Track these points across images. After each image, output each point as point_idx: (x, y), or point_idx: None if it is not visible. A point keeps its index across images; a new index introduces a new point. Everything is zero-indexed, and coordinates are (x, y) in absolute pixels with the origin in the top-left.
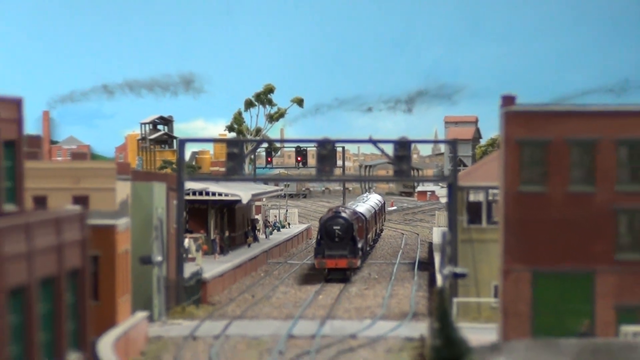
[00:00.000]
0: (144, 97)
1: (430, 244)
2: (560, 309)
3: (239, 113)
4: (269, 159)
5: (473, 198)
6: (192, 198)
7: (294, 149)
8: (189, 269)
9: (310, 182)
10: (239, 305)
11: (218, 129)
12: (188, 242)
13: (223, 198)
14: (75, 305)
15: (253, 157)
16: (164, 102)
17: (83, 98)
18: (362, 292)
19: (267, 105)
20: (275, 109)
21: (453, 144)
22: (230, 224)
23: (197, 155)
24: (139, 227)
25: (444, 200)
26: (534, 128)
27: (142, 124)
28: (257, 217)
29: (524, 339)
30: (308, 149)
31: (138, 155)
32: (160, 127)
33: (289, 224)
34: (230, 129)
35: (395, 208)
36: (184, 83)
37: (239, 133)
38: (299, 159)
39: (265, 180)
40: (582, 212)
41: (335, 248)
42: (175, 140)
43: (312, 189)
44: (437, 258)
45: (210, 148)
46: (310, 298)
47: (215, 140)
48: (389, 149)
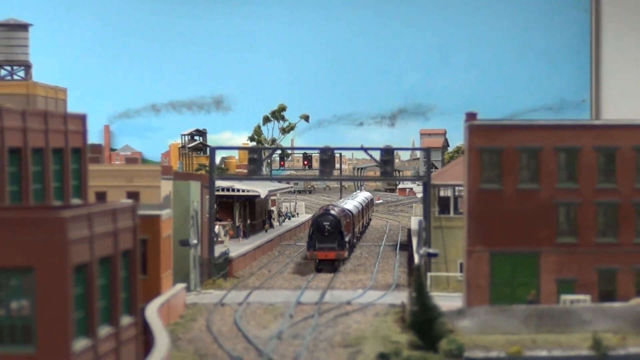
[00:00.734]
0: (184, 114)
1: (409, 230)
2: (512, 282)
3: (259, 127)
4: (282, 163)
5: (443, 194)
6: (221, 193)
7: (302, 155)
8: (219, 250)
9: (314, 180)
10: (258, 278)
11: (242, 139)
12: (218, 228)
13: (245, 193)
14: (128, 279)
15: (269, 161)
16: (200, 118)
17: (136, 115)
18: (355, 268)
19: (280, 121)
20: (287, 124)
21: (427, 151)
22: (251, 214)
23: (225, 160)
24: (179, 216)
25: (420, 195)
26: (491, 138)
27: (182, 135)
28: (272, 208)
29: (484, 306)
30: (313, 155)
31: (179, 160)
32: (197, 137)
33: (298, 214)
34: (252, 139)
35: (382, 201)
36: (216, 103)
37: (258, 142)
38: (306, 163)
39: (279, 180)
40: (529, 205)
41: (325, 241)
42: (208, 148)
43: (315, 187)
44: (414, 241)
45: (236, 154)
46: (314, 273)
47: (240, 148)
48: (377, 155)
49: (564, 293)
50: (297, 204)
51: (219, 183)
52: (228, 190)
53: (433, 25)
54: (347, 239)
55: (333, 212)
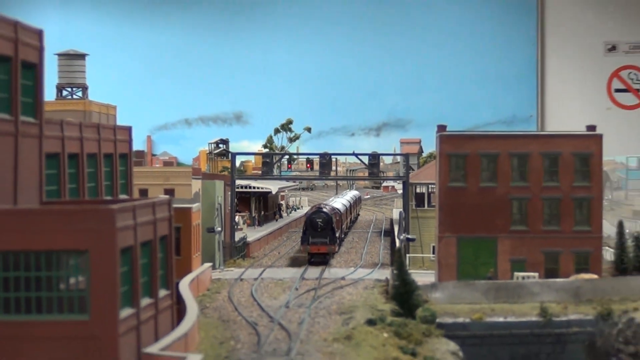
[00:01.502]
0: (210, 126)
1: (391, 220)
2: (475, 262)
3: (270, 136)
4: (289, 165)
5: (419, 190)
6: (240, 190)
7: (305, 159)
8: (238, 235)
9: (315, 180)
10: (270, 259)
11: (257, 147)
12: (238, 218)
13: (260, 190)
14: (164, 259)
15: (279, 164)
16: (223, 129)
17: (172, 127)
18: (348, 250)
19: (288, 132)
20: (293, 134)
21: (406, 156)
22: (265, 207)
23: (243, 163)
24: (206, 209)
25: (400, 192)
26: (458, 146)
27: (209, 143)
28: (281, 202)
29: (452, 281)
30: (314, 159)
31: (206, 163)
32: (221, 145)
33: (302, 207)
34: (265, 147)
35: (369, 197)
36: (236, 117)
37: (270, 149)
38: (308, 166)
39: (287, 179)
40: (488, 199)
41: (318, 237)
42: (230, 154)
43: (316, 185)
44: (395, 228)
45: (252, 159)
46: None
47: (255, 154)
48: (365, 159)
49: (517, 271)
50: (301, 199)
51: (239, 182)
52: (246, 188)
53: (411, 57)
54: (337, 235)
55: (325, 210)
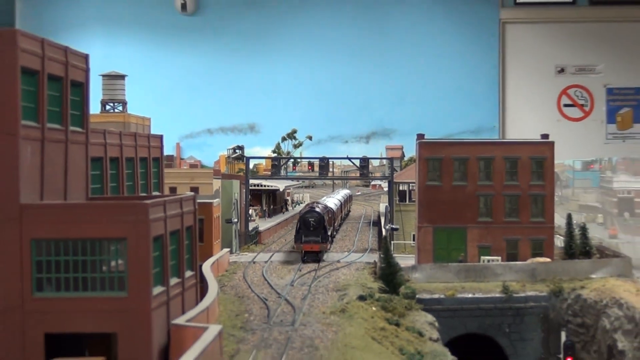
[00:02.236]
0: (229, 135)
1: (379, 212)
2: (448, 247)
3: (278, 143)
4: (294, 167)
5: (401, 188)
6: (253, 188)
7: (307, 162)
8: (251, 225)
9: (315, 179)
10: (278, 245)
11: (267, 152)
12: (251, 211)
13: (270, 188)
14: (190, 245)
15: (285, 166)
16: (239, 137)
17: (197, 136)
18: (342, 237)
19: (292, 139)
20: (297, 141)
21: (390, 160)
22: (273, 201)
23: (256, 165)
24: (225, 203)
25: (386, 189)
26: (434, 151)
27: (227, 149)
28: (287, 198)
29: (429, 263)
30: (314, 162)
31: (225, 166)
32: (237, 150)
33: (304, 202)
34: (273, 152)
35: (360, 193)
36: (250, 128)
37: (278, 154)
38: (310, 168)
39: (292, 178)
40: (460, 196)
41: (310, 235)
42: (245, 158)
43: (316, 183)
44: (382, 220)
45: (263, 162)
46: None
47: (265, 158)
48: (357, 162)
49: (483, 255)
50: (303, 195)
51: (252, 181)
52: (258, 186)
53: (394, 78)
54: (329, 233)
55: (317, 209)
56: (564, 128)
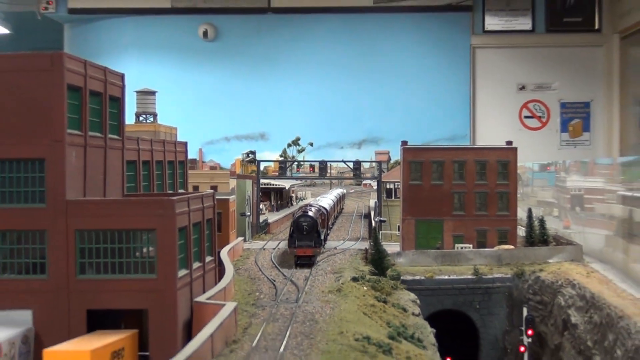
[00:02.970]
0: (243, 141)
1: (369, 207)
2: (428, 236)
3: (284, 149)
4: (298, 169)
5: (388, 187)
6: (263, 186)
7: (309, 165)
8: (262, 218)
9: (316, 179)
10: (284, 234)
11: (275, 156)
12: (262, 206)
13: (277, 186)
14: (210, 235)
15: (291, 168)
16: (252, 143)
17: (216, 142)
18: (338, 228)
19: (297, 145)
20: (300, 147)
21: (379, 163)
22: (280, 198)
23: (266, 167)
24: (239, 199)
25: (375, 188)
26: (416, 155)
27: (242, 154)
28: (292, 194)
29: (411, 250)
30: (315, 165)
31: (240, 168)
32: (250, 155)
33: (307, 198)
34: (281, 156)
35: (353, 191)
36: (261, 135)
37: (284, 158)
38: (311, 169)
39: (296, 179)
40: (438, 193)
41: (304, 239)
42: (256, 161)
43: (316, 183)
44: (372, 213)
45: (272, 164)
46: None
47: (274, 161)
48: (351, 165)
49: (457, 243)
50: (306, 192)
51: (262, 180)
52: (267, 185)
53: (382, 92)
54: (322, 237)
55: (310, 213)
56: (525, 136)
